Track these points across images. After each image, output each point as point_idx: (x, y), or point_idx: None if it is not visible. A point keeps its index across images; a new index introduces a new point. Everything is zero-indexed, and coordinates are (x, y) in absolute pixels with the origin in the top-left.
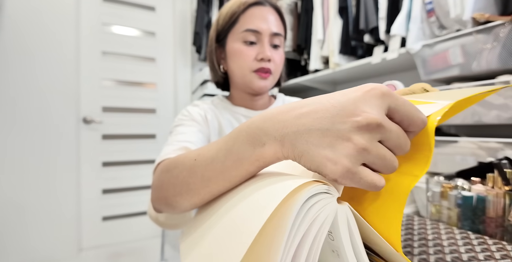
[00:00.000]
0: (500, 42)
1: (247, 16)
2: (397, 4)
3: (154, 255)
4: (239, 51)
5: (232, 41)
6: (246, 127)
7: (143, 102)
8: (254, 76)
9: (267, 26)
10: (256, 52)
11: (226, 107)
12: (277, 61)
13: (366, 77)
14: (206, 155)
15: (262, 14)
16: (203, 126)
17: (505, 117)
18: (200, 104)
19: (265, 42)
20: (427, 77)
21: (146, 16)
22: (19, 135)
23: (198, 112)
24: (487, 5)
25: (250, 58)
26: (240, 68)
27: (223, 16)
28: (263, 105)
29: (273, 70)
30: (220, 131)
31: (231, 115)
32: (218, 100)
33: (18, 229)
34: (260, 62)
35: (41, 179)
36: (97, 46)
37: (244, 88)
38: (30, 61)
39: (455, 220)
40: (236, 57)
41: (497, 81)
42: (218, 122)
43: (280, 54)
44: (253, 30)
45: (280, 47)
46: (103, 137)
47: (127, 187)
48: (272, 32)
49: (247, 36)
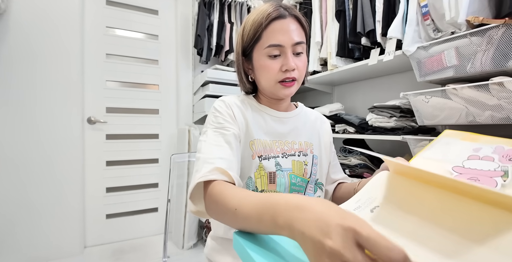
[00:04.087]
0: (494, 44)
1: (269, 31)
2: (393, 8)
3: (157, 251)
4: (265, 65)
5: (257, 56)
6: (273, 209)
7: (146, 103)
8: (280, 86)
9: (288, 38)
10: (281, 64)
11: (252, 105)
12: (301, 68)
13: (363, 79)
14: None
15: (283, 27)
16: (233, 126)
17: (499, 118)
18: (227, 100)
19: (288, 54)
20: (423, 78)
21: (149, 19)
22: (25, 135)
23: (227, 111)
24: (481, 8)
25: (276, 71)
26: (267, 80)
27: (247, 32)
28: (286, 107)
29: (298, 76)
30: (247, 127)
31: (257, 113)
32: (245, 97)
33: (24, 227)
34: (285, 73)
35: (47, 178)
36: (101, 48)
37: (271, 95)
38: (35, 63)
39: None
40: (263, 71)
41: (491, 83)
42: (245, 118)
43: (302, 60)
44: (276, 44)
45: (302, 53)
46: (107, 137)
47: (131, 186)
48: (294, 43)
49: (271, 51)
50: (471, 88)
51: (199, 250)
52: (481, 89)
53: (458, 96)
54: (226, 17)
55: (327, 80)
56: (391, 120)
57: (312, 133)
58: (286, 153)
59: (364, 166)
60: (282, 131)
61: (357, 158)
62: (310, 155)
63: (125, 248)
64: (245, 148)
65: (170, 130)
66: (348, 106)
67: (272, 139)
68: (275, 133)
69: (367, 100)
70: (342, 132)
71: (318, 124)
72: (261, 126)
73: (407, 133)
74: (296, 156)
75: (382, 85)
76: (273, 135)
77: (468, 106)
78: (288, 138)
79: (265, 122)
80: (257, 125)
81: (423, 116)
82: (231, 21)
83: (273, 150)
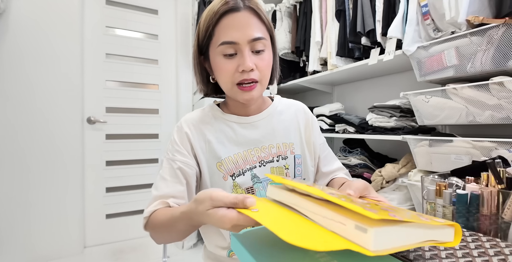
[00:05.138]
0: (494, 44)
1: (221, 27)
2: (393, 7)
3: (157, 251)
4: (219, 66)
5: (213, 55)
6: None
7: (146, 103)
8: (237, 90)
9: (243, 34)
10: (237, 64)
11: (217, 116)
12: (262, 67)
13: (363, 78)
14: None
15: (236, 22)
16: (183, 157)
17: (499, 117)
18: (184, 123)
19: (245, 52)
20: (423, 78)
21: (149, 19)
22: (25, 135)
23: (181, 140)
24: (481, 8)
25: (231, 72)
26: (224, 82)
27: (200, 29)
28: (256, 109)
29: (259, 78)
30: (210, 150)
31: (223, 123)
32: (209, 109)
33: (24, 227)
34: (243, 73)
35: (46, 178)
36: (101, 48)
37: (232, 98)
38: (35, 62)
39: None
40: (218, 71)
41: (491, 82)
42: (205, 141)
43: (264, 59)
44: (229, 42)
45: (264, 51)
46: (106, 137)
47: (130, 186)
48: (251, 39)
49: (225, 49)
50: (471, 88)
51: (199, 250)
52: (481, 89)
53: (458, 96)
54: None
55: (327, 80)
56: (391, 120)
57: (290, 131)
58: (264, 161)
59: (364, 166)
60: (255, 137)
61: (357, 158)
62: (291, 156)
63: (124, 248)
64: (213, 172)
65: (169, 130)
66: (348, 106)
67: (246, 149)
68: (248, 141)
69: (367, 100)
70: (342, 132)
71: (299, 118)
72: (231, 138)
73: (407, 133)
74: (274, 162)
75: (382, 85)
76: (246, 144)
77: (468, 106)
78: (264, 143)
79: (234, 132)
80: (225, 139)
81: (423, 116)
82: None
83: (248, 161)
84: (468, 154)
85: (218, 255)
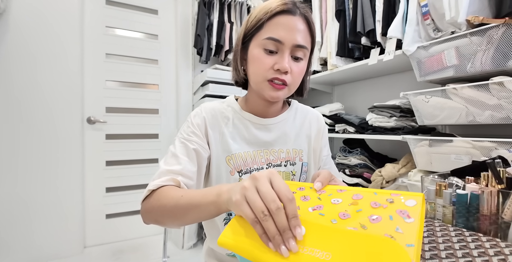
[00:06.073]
0: (494, 44)
1: (272, 24)
2: (393, 7)
3: (157, 251)
4: (258, 58)
5: (254, 46)
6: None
7: (146, 103)
8: (267, 85)
9: (291, 37)
10: (274, 62)
11: (234, 112)
12: (295, 74)
13: (363, 78)
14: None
15: (289, 23)
16: (200, 140)
17: (499, 117)
18: (204, 110)
19: (286, 53)
20: (423, 78)
21: (149, 19)
22: (25, 135)
23: (199, 124)
24: (481, 8)
25: (267, 67)
26: (256, 74)
27: (251, 19)
28: (274, 112)
29: (289, 82)
30: (222, 142)
31: (239, 120)
32: (228, 103)
33: (24, 227)
34: (276, 72)
35: (46, 178)
36: (101, 48)
37: (258, 93)
38: (35, 62)
39: (449, 218)
40: (254, 63)
41: (491, 82)
42: (220, 133)
43: (300, 67)
44: (275, 39)
45: (302, 59)
46: (107, 137)
47: (130, 186)
48: (296, 44)
49: (268, 44)
50: (471, 88)
51: (199, 250)
52: (481, 88)
53: (458, 96)
54: (226, 17)
55: (327, 80)
56: (391, 120)
57: (302, 138)
58: (272, 164)
59: (364, 166)
60: (266, 139)
61: (357, 158)
62: (299, 163)
63: (124, 248)
64: (221, 164)
65: (170, 130)
66: (348, 106)
67: (255, 149)
68: (258, 142)
69: (367, 100)
70: (342, 132)
71: (312, 125)
72: (243, 136)
73: (407, 133)
74: (282, 166)
75: (382, 85)
76: (256, 145)
77: (468, 105)
78: (274, 146)
79: (247, 131)
80: (238, 136)
81: (423, 116)
82: (231, 20)
83: (256, 161)
84: (468, 154)
85: (218, 252)
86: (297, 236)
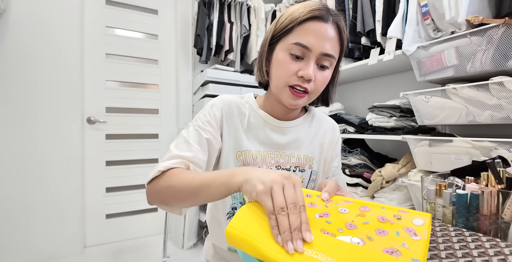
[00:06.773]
0: (493, 44)
1: (302, 28)
2: (393, 7)
3: (157, 251)
4: (282, 62)
5: (280, 49)
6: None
7: (146, 103)
8: (288, 91)
9: (319, 44)
10: (299, 68)
11: (251, 109)
12: (319, 82)
13: (363, 78)
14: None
15: (319, 30)
16: (213, 131)
17: (499, 117)
18: (226, 101)
19: (312, 61)
20: (423, 78)
21: (149, 19)
22: (25, 135)
23: (217, 115)
24: (481, 8)
25: (291, 73)
26: (278, 79)
27: (281, 21)
28: (291, 116)
29: (311, 90)
30: (236, 137)
31: (254, 118)
32: (247, 99)
33: (24, 227)
34: (299, 79)
35: (46, 178)
36: (101, 48)
37: (277, 98)
38: (35, 62)
39: (449, 218)
40: (278, 67)
41: (491, 82)
42: (235, 127)
43: (324, 76)
44: (303, 45)
45: (328, 68)
46: (106, 137)
47: (130, 186)
48: (323, 52)
49: (295, 49)
50: (471, 88)
51: (199, 250)
52: (481, 88)
53: (458, 96)
54: (226, 17)
55: None
56: (391, 120)
57: (315, 145)
58: (281, 167)
59: (364, 166)
60: (280, 142)
61: (357, 158)
62: (308, 171)
63: (124, 248)
64: (230, 158)
65: (169, 130)
66: (348, 106)
67: (267, 150)
68: (271, 143)
69: (367, 100)
70: (342, 132)
71: (327, 134)
72: (257, 135)
73: (407, 133)
74: (291, 171)
75: (382, 85)
76: (268, 146)
77: (468, 105)
78: (286, 150)
79: (261, 130)
80: (252, 134)
81: (423, 116)
82: (231, 20)
83: (266, 161)
84: (468, 154)
85: (219, 248)
86: (307, 239)
